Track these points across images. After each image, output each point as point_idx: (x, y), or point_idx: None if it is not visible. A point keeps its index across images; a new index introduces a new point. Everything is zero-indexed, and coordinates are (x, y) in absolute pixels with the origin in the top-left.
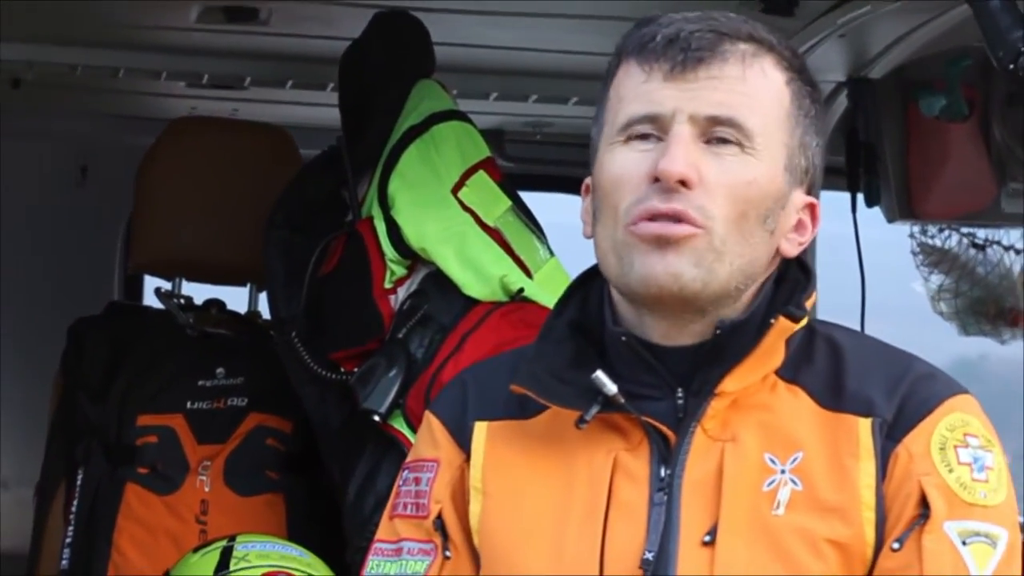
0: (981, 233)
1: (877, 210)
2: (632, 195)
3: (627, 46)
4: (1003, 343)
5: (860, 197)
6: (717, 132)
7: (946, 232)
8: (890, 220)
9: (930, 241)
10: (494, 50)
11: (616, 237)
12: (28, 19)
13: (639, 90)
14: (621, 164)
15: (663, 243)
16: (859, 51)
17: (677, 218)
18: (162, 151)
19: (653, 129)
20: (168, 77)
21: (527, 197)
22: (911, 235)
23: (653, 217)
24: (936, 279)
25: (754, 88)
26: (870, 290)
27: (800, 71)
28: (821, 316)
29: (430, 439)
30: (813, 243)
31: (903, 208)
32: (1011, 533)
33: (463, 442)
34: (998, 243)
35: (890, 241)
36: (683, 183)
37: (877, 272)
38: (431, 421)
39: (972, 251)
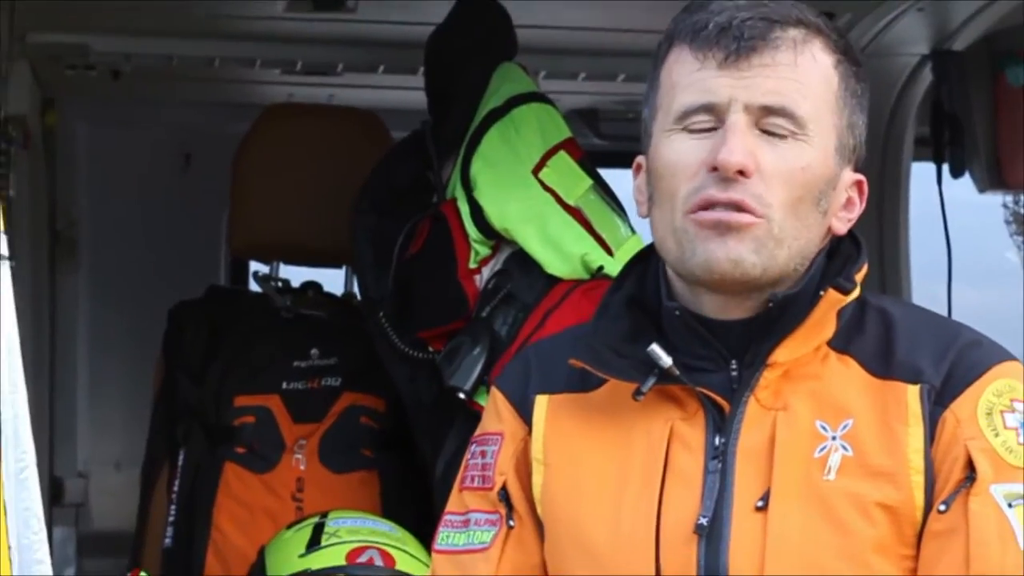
0: None
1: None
2: (690, 183)
3: (679, 32)
4: None
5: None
6: (771, 124)
7: None
8: (981, 190)
9: (1022, 210)
10: (579, 31)
11: (675, 224)
12: (123, 13)
13: (693, 77)
14: (678, 151)
15: (723, 230)
16: (941, 23)
17: (737, 207)
18: (256, 139)
19: (709, 117)
20: (262, 65)
21: (622, 174)
22: (1004, 205)
23: (712, 206)
24: None
25: (805, 74)
26: (964, 256)
27: (846, 52)
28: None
29: (495, 413)
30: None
31: (994, 178)
32: None
33: (526, 415)
34: None
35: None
36: (741, 172)
37: (972, 238)
38: (496, 395)
39: None
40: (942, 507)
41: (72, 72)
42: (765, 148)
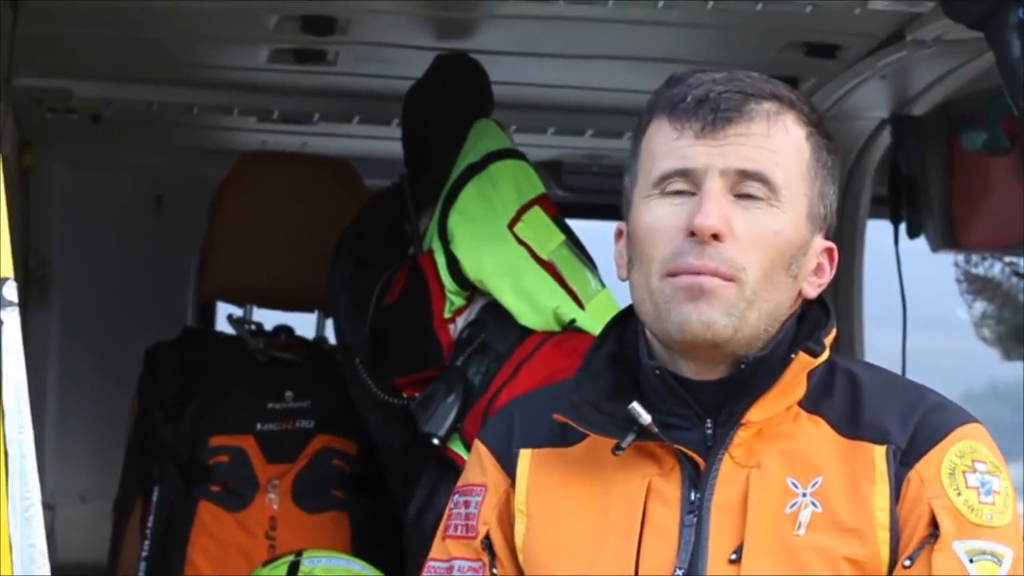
0: (1023, 262)
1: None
2: (668, 247)
3: (658, 105)
4: None
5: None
6: (746, 187)
7: (989, 261)
8: (935, 250)
9: (973, 270)
10: (550, 88)
11: (652, 286)
12: (106, 59)
13: (671, 146)
14: (656, 216)
15: (696, 293)
16: (901, 90)
17: (710, 272)
18: (233, 184)
19: (686, 183)
20: (240, 113)
21: (584, 224)
22: (955, 264)
23: (688, 272)
24: (979, 306)
25: (778, 144)
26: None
27: (818, 125)
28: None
29: (479, 466)
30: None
31: (947, 238)
32: (1016, 552)
33: (509, 468)
34: None
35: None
36: (715, 236)
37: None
38: (480, 449)
39: (1014, 279)
40: (907, 563)
41: (52, 115)
42: (739, 213)
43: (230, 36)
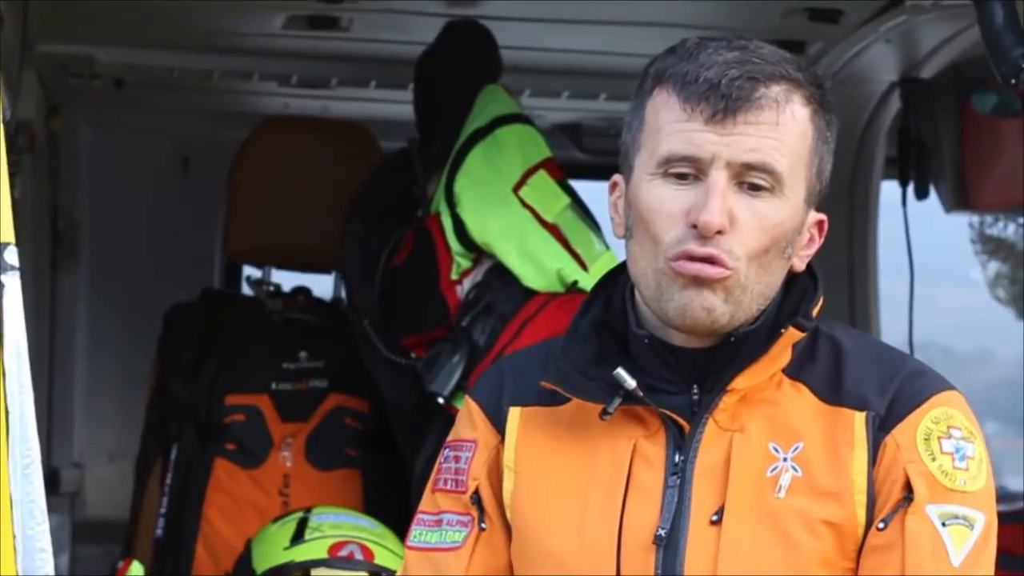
0: None
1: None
2: (671, 232)
3: (667, 76)
4: None
5: None
6: (751, 177)
7: (1002, 222)
8: (948, 211)
9: (987, 231)
10: (561, 53)
11: (656, 266)
12: (127, 26)
13: (679, 127)
14: (659, 198)
15: (700, 282)
16: (908, 53)
17: (712, 261)
18: (251, 149)
19: (691, 168)
20: (259, 78)
21: (603, 187)
22: (970, 225)
23: (690, 259)
24: (993, 267)
25: (785, 132)
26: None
27: (821, 101)
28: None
29: (469, 421)
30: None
31: (960, 199)
32: (988, 517)
33: (499, 425)
34: None
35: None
36: (718, 232)
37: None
38: (470, 405)
39: None
40: (881, 525)
41: (77, 80)
42: (741, 204)
43: (247, 3)
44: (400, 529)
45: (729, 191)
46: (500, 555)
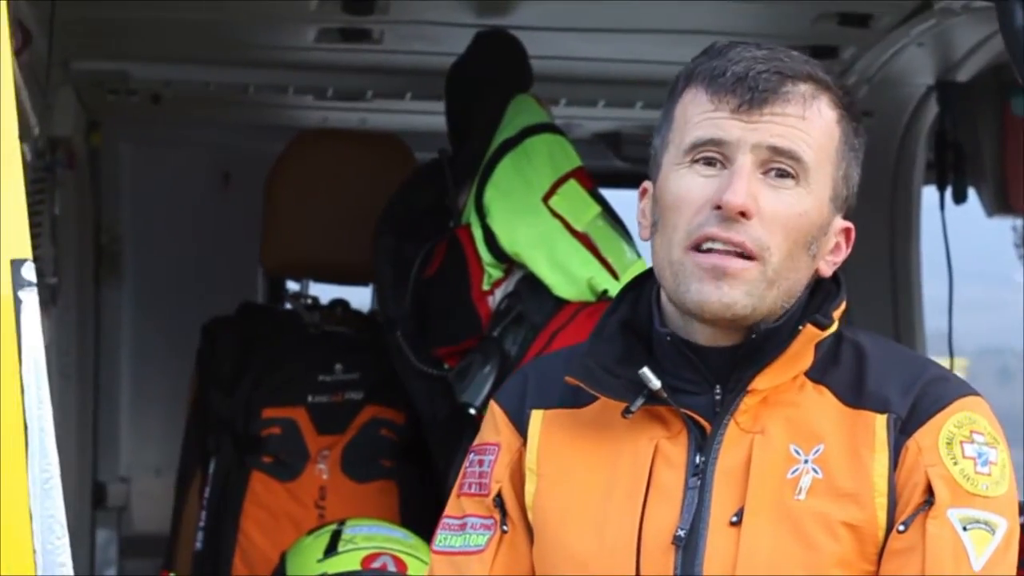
0: None
1: None
2: (694, 218)
3: (697, 74)
4: None
5: None
6: (777, 163)
7: None
8: (989, 215)
9: None
10: (593, 62)
11: (673, 256)
12: (157, 42)
13: (706, 116)
14: (686, 186)
15: (719, 274)
16: (943, 56)
17: (735, 250)
18: (287, 162)
19: (717, 153)
20: (295, 92)
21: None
22: (1012, 228)
23: (712, 241)
24: None
25: (811, 126)
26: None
27: (849, 107)
28: None
29: (492, 425)
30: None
31: (1001, 203)
32: (1010, 523)
33: (521, 428)
34: None
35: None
36: (743, 214)
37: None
38: (494, 409)
39: None
40: (902, 527)
41: (114, 97)
42: (767, 192)
43: (277, 17)
44: None
45: (754, 178)
46: (522, 557)
